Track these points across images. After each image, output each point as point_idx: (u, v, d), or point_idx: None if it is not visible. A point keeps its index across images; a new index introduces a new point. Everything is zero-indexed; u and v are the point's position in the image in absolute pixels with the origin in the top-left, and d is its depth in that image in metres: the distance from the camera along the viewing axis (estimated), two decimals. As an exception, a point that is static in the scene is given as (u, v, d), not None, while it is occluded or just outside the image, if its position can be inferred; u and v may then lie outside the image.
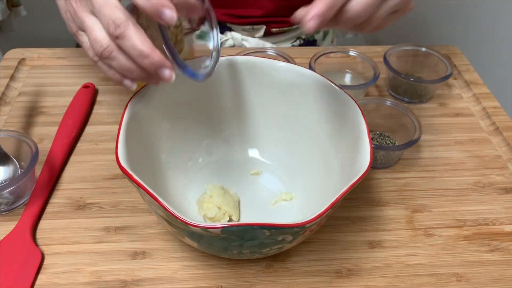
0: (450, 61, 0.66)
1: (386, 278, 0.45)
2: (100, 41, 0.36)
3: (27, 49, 0.71)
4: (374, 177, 0.55)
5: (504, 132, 0.61)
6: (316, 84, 0.48)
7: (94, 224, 0.49)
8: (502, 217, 0.52)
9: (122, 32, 0.35)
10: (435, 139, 0.61)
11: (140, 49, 0.35)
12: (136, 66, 0.36)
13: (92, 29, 0.36)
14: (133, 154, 0.40)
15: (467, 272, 0.46)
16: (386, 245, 0.48)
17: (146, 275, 0.45)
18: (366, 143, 0.41)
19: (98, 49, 0.36)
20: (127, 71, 0.37)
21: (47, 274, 0.44)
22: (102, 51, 0.36)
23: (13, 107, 0.62)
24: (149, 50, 0.35)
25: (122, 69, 0.37)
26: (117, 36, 0.35)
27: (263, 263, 0.46)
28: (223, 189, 0.49)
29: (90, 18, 0.36)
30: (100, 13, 0.35)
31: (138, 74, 0.37)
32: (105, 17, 0.35)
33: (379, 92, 0.68)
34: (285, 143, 0.53)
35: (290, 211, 0.49)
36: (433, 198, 0.53)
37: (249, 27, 0.76)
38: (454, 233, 0.50)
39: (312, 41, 0.82)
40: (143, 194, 0.38)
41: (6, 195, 0.48)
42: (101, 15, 0.35)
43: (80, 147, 0.57)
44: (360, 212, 0.51)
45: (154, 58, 0.35)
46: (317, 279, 0.45)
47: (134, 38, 0.35)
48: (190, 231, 0.37)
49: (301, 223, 0.35)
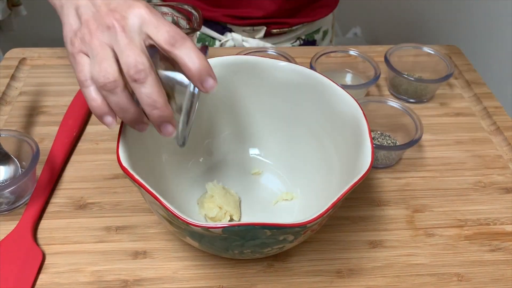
0: (451, 61, 0.66)
1: (387, 278, 0.45)
2: (109, 72, 0.35)
3: (28, 49, 0.71)
4: (375, 176, 0.55)
5: (505, 131, 0.61)
6: (317, 83, 0.48)
7: (95, 224, 0.49)
8: (503, 217, 0.52)
9: (144, 78, 0.34)
10: (436, 139, 0.61)
11: (155, 100, 0.35)
12: (134, 109, 0.36)
13: (103, 59, 0.35)
14: (134, 154, 0.41)
15: (468, 272, 0.46)
16: (387, 245, 0.48)
17: (147, 274, 0.45)
18: (367, 142, 0.41)
19: (103, 80, 0.35)
20: (121, 110, 0.36)
21: (48, 274, 0.44)
22: (107, 83, 0.35)
23: (13, 107, 0.62)
24: (164, 104, 0.35)
25: (119, 107, 0.36)
26: (136, 80, 0.34)
27: (264, 263, 0.46)
28: (224, 189, 0.49)
29: (106, 49, 0.36)
30: (123, 52, 0.35)
31: (132, 117, 0.37)
32: (128, 57, 0.35)
33: (379, 91, 0.68)
34: (286, 143, 0.53)
35: (291, 211, 0.49)
36: (434, 198, 0.53)
37: (250, 28, 0.76)
38: (455, 233, 0.50)
39: (311, 41, 0.82)
40: (144, 194, 0.38)
41: (7, 195, 0.48)
42: (124, 54, 0.35)
43: (80, 146, 0.57)
44: (361, 212, 0.51)
45: (164, 112, 0.36)
46: (318, 278, 0.45)
47: (154, 88, 0.35)
48: (191, 230, 0.37)
49: (303, 222, 0.35)
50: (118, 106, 0.36)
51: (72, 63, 0.37)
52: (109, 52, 0.36)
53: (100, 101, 0.36)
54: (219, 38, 0.77)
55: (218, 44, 0.77)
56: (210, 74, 0.36)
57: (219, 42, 0.77)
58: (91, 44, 0.36)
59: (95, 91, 0.36)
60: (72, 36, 0.37)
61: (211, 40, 0.78)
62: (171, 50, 0.35)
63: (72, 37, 0.37)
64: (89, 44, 0.36)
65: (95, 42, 0.36)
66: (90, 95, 0.36)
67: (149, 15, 0.36)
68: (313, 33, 0.81)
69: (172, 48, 0.35)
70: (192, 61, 0.35)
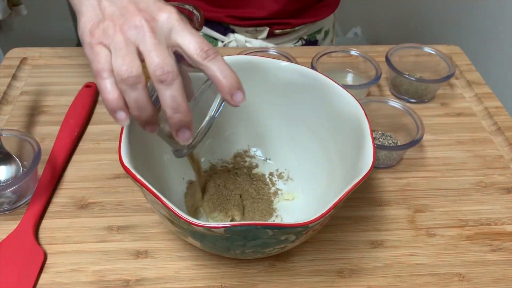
0: (452, 61, 0.66)
1: (388, 277, 0.45)
2: (133, 67, 0.34)
3: (29, 48, 0.71)
4: (376, 177, 0.55)
5: (506, 132, 0.61)
6: (318, 83, 0.48)
7: (96, 224, 0.49)
8: (504, 217, 0.52)
9: (171, 80, 0.34)
10: (437, 139, 0.61)
11: (180, 103, 0.35)
12: (151, 109, 0.36)
13: (128, 54, 0.35)
14: (136, 154, 0.41)
15: (469, 272, 0.46)
16: (388, 245, 0.48)
17: (148, 274, 0.45)
18: (368, 143, 0.41)
19: (126, 74, 0.34)
20: (139, 108, 0.35)
21: (49, 273, 0.44)
22: (130, 77, 0.34)
23: (15, 107, 0.62)
24: (187, 108, 0.35)
25: (137, 104, 0.35)
26: (163, 81, 0.34)
27: (265, 263, 0.46)
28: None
29: (131, 45, 0.35)
30: (150, 52, 0.35)
31: (147, 116, 0.36)
32: (156, 57, 0.34)
33: (380, 91, 0.68)
34: (287, 143, 0.53)
35: (292, 211, 0.50)
36: (435, 198, 0.53)
37: (252, 29, 0.76)
38: (456, 233, 0.50)
39: (313, 41, 0.82)
40: (146, 194, 0.38)
41: (9, 194, 0.48)
42: (152, 54, 0.34)
43: (82, 146, 0.57)
44: (362, 212, 0.51)
45: (187, 117, 0.35)
46: (320, 278, 0.45)
47: (179, 91, 0.35)
48: (193, 230, 0.37)
49: (304, 223, 0.35)
50: (137, 103, 0.35)
51: (88, 53, 0.36)
52: (134, 49, 0.35)
53: (117, 95, 0.35)
54: (221, 39, 0.77)
55: (221, 44, 0.77)
56: (240, 89, 0.36)
57: (221, 43, 0.77)
58: (114, 38, 0.35)
59: (112, 84, 0.35)
60: (92, 27, 0.37)
61: (213, 41, 0.78)
62: (203, 62, 0.35)
63: (92, 27, 0.37)
64: (112, 38, 0.35)
65: (120, 37, 0.35)
66: (107, 88, 0.35)
67: (179, 22, 0.36)
68: (315, 33, 0.81)
69: (204, 60, 0.35)
70: (224, 75, 0.35)
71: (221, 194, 0.48)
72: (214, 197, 0.48)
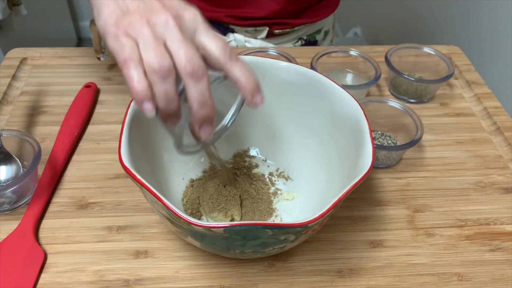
0: (451, 61, 0.66)
1: (388, 277, 0.46)
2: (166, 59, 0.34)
3: (29, 49, 0.71)
4: (376, 177, 0.56)
5: (505, 132, 0.62)
6: (318, 84, 0.48)
7: (96, 224, 0.49)
8: (503, 217, 0.52)
9: (201, 75, 0.35)
10: (436, 139, 0.61)
11: (207, 99, 0.35)
12: (178, 102, 0.36)
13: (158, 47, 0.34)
14: (136, 154, 0.41)
15: (468, 271, 0.46)
16: (387, 245, 0.48)
17: (148, 274, 0.45)
18: (368, 143, 0.41)
19: (159, 65, 0.34)
20: (167, 100, 0.35)
21: (50, 273, 0.44)
22: (163, 69, 0.34)
23: (15, 107, 0.62)
24: (213, 105, 0.36)
25: (166, 96, 0.35)
26: (192, 75, 0.34)
27: (265, 263, 0.46)
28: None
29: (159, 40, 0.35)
30: (180, 47, 0.35)
31: (173, 109, 0.36)
32: (186, 52, 0.34)
33: (380, 91, 0.68)
34: (287, 143, 0.53)
35: (292, 211, 0.50)
36: (434, 198, 0.54)
37: (252, 28, 0.76)
38: (456, 233, 0.50)
39: (313, 41, 0.82)
40: (146, 194, 0.38)
41: (9, 194, 0.48)
42: (182, 49, 0.35)
43: (82, 146, 0.57)
44: (361, 211, 0.51)
45: (212, 113, 0.36)
46: (319, 278, 0.45)
47: (207, 86, 0.35)
48: (193, 230, 0.37)
49: (304, 222, 0.35)
50: (166, 95, 0.35)
51: (114, 45, 0.36)
52: (162, 42, 0.35)
53: (146, 86, 0.35)
54: None
55: None
56: (260, 91, 0.37)
57: None
58: (142, 31, 0.35)
59: (141, 74, 0.35)
60: (117, 19, 0.36)
61: None
62: (226, 63, 0.36)
63: (117, 19, 0.36)
64: (139, 31, 0.35)
65: (147, 30, 0.35)
66: (135, 77, 0.35)
67: (204, 23, 0.37)
68: (314, 34, 0.81)
69: (228, 61, 0.36)
70: (246, 77, 0.36)
71: (220, 194, 0.48)
72: (213, 197, 0.48)
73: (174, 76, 0.35)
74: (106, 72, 0.68)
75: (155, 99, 0.35)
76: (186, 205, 0.49)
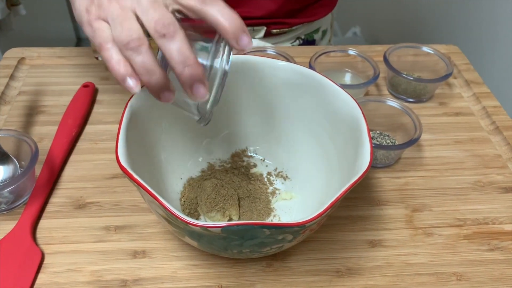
0: (450, 61, 0.66)
1: (386, 277, 0.45)
2: (133, 29, 0.33)
3: (27, 48, 0.71)
4: (374, 176, 0.55)
5: (504, 131, 0.61)
6: (316, 83, 0.48)
7: (94, 224, 0.49)
8: (502, 216, 0.52)
9: (173, 32, 0.33)
10: (435, 138, 0.61)
11: (187, 56, 0.33)
12: (160, 71, 0.34)
13: (125, 19, 0.34)
14: (133, 154, 0.40)
15: (467, 271, 0.46)
16: (386, 245, 0.48)
17: (146, 274, 0.45)
18: (366, 142, 0.41)
19: (127, 38, 0.33)
20: (147, 72, 0.34)
21: (47, 273, 0.44)
22: (131, 40, 0.33)
23: (13, 106, 0.62)
24: (195, 60, 0.34)
25: (144, 68, 0.34)
26: (164, 34, 0.33)
27: (263, 262, 0.46)
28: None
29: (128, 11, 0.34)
30: (148, 11, 0.34)
31: (157, 80, 0.34)
32: (154, 13, 0.33)
33: (379, 91, 0.68)
34: (285, 142, 0.53)
35: (290, 211, 0.49)
36: (433, 197, 0.53)
37: (250, 28, 0.76)
38: (454, 232, 0.50)
39: (311, 41, 0.82)
40: (143, 194, 0.38)
41: (6, 194, 0.48)
42: (149, 12, 0.33)
43: (80, 146, 0.57)
44: (360, 211, 0.51)
45: (197, 70, 0.34)
46: (317, 278, 0.45)
47: (184, 43, 0.33)
48: (190, 230, 0.37)
49: (302, 222, 0.35)
50: (144, 67, 0.34)
51: (89, 32, 0.36)
52: (131, 14, 0.34)
53: (123, 62, 0.34)
54: None
55: None
56: (245, 31, 0.34)
57: None
58: (110, 8, 0.35)
59: (116, 52, 0.34)
60: (87, 5, 0.36)
61: None
62: (202, 7, 0.34)
63: (87, 6, 0.36)
64: (108, 9, 0.35)
65: (115, 5, 0.34)
66: (112, 57, 0.34)
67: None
68: (312, 33, 0.81)
69: (203, 5, 0.34)
70: (226, 18, 0.34)
71: (218, 194, 0.48)
72: (211, 196, 0.47)
73: (147, 44, 0.34)
74: (104, 72, 0.68)
75: None
76: (184, 205, 0.49)
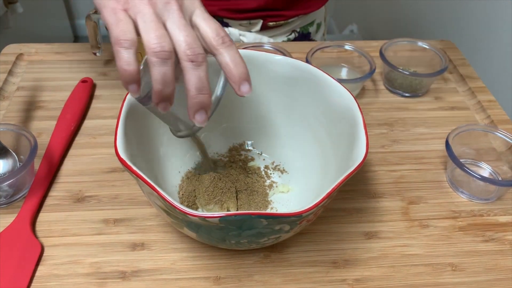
0: (445, 56, 0.66)
1: (382, 268, 0.46)
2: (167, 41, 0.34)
3: (25, 44, 0.71)
4: (370, 169, 0.56)
5: (499, 125, 0.62)
6: (312, 77, 0.48)
7: (93, 217, 0.49)
8: (496, 208, 0.52)
9: (201, 61, 0.34)
10: (430, 132, 0.61)
11: (205, 85, 0.35)
12: (174, 86, 0.35)
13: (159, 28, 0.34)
14: (132, 147, 0.41)
15: (462, 261, 0.47)
16: (382, 236, 0.49)
17: (145, 266, 0.45)
18: (362, 134, 0.42)
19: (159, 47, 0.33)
20: (164, 83, 0.35)
21: (46, 266, 0.45)
22: (163, 51, 0.34)
23: (11, 102, 0.62)
24: (209, 91, 0.36)
25: (164, 78, 0.34)
26: (193, 60, 0.34)
27: (260, 254, 0.46)
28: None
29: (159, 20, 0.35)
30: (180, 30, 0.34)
31: (169, 92, 0.35)
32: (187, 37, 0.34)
33: (375, 86, 0.69)
34: (282, 136, 0.53)
35: (287, 203, 0.50)
36: (428, 190, 0.54)
37: (246, 22, 0.76)
38: (449, 224, 0.50)
39: (306, 33, 0.83)
40: (142, 185, 0.38)
41: (6, 188, 0.49)
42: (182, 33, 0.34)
43: (78, 141, 0.58)
44: (356, 203, 0.52)
45: (208, 99, 0.36)
46: (314, 269, 0.46)
47: (206, 72, 0.35)
48: (189, 221, 0.38)
49: (298, 212, 0.36)
50: (163, 78, 0.34)
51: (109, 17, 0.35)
52: (161, 23, 0.35)
53: (137, 69, 0.34)
54: None
55: None
56: (248, 80, 0.37)
57: None
58: (142, 9, 0.35)
59: (133, 55, 0.34)
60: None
61: None
62: (218, 47, 0.36)
63: None
64: (140, 8, 0.35)
65: (148, 9, 0.35)
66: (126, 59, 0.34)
67: (201, 6, 0.37)
68: (307, 26, 0.82)
69: (220, 46, 0.36)
70: (235, 64, 0.36)
71: (216, 187, 0.48)
72: (209, 189, 0.48)
73: (174, 60, 0.35)
74: (102, 67, 0.68)
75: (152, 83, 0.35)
76: (182, 197, 0.49)
